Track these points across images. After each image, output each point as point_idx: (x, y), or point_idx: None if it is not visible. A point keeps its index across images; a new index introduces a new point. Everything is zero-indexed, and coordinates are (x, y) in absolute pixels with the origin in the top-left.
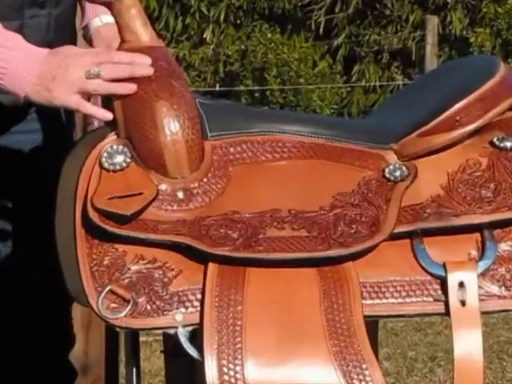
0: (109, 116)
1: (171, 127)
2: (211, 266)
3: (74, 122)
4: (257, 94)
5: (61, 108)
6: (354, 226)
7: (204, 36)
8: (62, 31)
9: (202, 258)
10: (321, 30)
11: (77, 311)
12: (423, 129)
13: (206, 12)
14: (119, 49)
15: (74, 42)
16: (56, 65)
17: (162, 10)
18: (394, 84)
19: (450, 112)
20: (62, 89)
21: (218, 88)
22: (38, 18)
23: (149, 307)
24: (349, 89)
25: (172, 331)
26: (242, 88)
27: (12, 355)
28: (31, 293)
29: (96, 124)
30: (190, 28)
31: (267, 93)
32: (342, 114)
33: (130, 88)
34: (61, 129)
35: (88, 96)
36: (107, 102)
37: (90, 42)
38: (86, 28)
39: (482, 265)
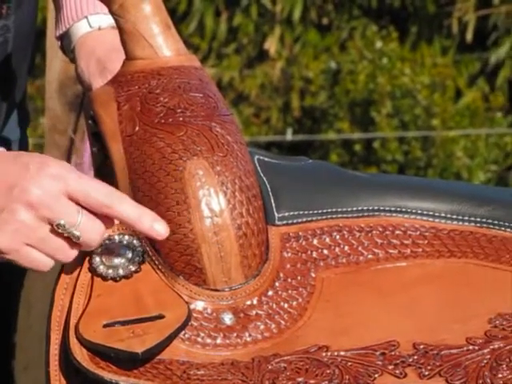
0: None
1: (212, 204)
2: None
3: None
4: (358, 147)
5: None
6: None
7: (265, 47)
8: (22, 49)
9: None
10: (468, 35)
11: None
12: None
13: (268, 5)
14: (122, 72)
15: (33, 61)
16: (11, 181)
17: (193, 2)
18: None
19: None
20: (7, 231)
21: (290, 136)
22: None
23: None
24: None
25: None
26: (331, 136)
27: None
28: None
29: None
30: (241, 33)
31: (375, 144)
32: (507, 182)
33: None
34: None
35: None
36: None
37: (72, 58)
38: (65, 37)
39: None
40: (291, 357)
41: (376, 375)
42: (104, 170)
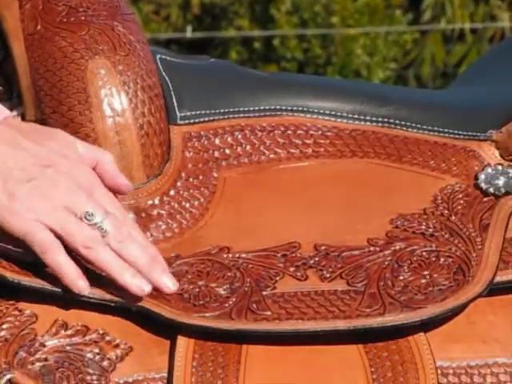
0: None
1: (114, 103)
2: (183, 342)
3: None
4: (257, 45)
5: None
6: (426, 273)
7: None
8: None
9: (166, 327)
10: None
11: None
12: None
13: None
14: None
15: None
16: (39, 158)
17: None
18: (496, 27)
19: None
20: (33, 204)
21: (190, 33)
22: None
23: None
24: (417, 35)
25: None
26: (231, 34)
27: None
28: None
29: None
30: None
31: (275, 42)
32: (406, 80)
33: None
34: None
35: None
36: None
37: None
38: None
39: None
40: (192, 259)
41: (277, 278)
42: (6, 68)
